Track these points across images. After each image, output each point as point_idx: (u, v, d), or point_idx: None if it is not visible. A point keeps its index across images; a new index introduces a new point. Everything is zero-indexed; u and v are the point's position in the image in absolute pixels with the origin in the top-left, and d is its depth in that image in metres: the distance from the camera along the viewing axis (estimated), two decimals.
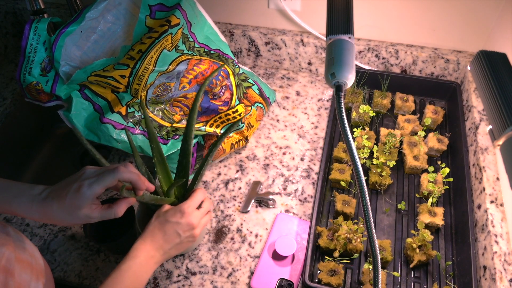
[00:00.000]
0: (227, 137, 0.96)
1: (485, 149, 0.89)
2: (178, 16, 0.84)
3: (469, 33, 1.04)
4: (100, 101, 0.84)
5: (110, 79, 0.80)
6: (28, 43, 0.82)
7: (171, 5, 0.85)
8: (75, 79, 0.80)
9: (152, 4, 0.83)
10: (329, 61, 0.55)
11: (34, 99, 0.87)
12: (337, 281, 0.77)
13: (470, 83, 1.02)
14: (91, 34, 0.84)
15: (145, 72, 0.80)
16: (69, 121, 0.82)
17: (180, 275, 0.82)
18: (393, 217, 0.89)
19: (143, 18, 0.82)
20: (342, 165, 0.93)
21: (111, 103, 0.84)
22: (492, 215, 0.78)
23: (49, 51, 0.83)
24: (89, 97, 0.84)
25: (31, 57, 0.82)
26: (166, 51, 0.82)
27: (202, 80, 0.87)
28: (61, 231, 0.89)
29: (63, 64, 0.82)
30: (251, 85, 1.00)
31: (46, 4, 0.99)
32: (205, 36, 0.94)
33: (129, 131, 0.81)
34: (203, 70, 0.86)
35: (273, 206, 0.92)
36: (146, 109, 0.86)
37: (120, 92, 0.83)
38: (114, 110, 0.83)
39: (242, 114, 0.95)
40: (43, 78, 0.83)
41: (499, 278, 0.71)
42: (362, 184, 0.51)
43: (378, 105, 1.06)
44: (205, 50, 0.92)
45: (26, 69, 0.82)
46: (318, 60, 1.17)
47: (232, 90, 0.92)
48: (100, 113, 0.83)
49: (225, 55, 0.96)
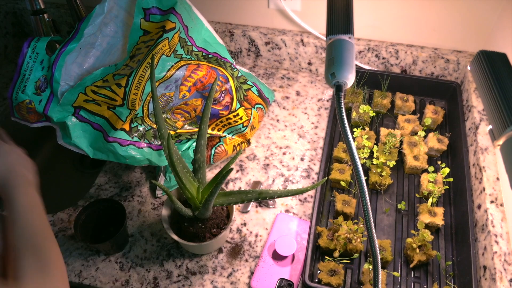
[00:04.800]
0: (229, 139, 0.97)
1: (485, 149, 0.89)
2: (173, 20, 0.83)
3: (469, 33, 1.04)
4: (98, 119, 0.82)
5: (108, 90, 0.79)
6: (25, 61, 0.79)
7: (166, 8, 0.84)
8: (67, 99, 0.79)
9: (146, 7, 0.82)
10: (329, 61, 0.55)
11: (22, 119, 0.83)
12: (337, 281, 0.77)
13: (470, 83, 1.02)
14: (90, 50, 0.82)
15: (142, 79, 0.79)
16: (74, 146, 0.81)
17: (180, 275, 0.82)
18: (393, 217, 0.89)
19: (138, 21, 0.81)
20: (342, 165, 0.93)
21: (109, 119, 0.82)
22: (492, 215, 0.78)
23: (46, 70, 0.80)
24: (85, 118, 0.82)
25: (26, 75, 0.80)
26: (164, 56, 0.81)
27: (201, 87, 0.87)
28: (61, 231, 0.89)
29: (62, 84, 0.80)
30: (250, 87, 1.01)
31: (46, 4, 0.99)
32: (203, 39, 0.93)
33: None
34: (201, 77, 0.86)
35: (273, 206, 0.92)
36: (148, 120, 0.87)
37: (116, 107, 0.81)
38: (117, 127, 0.82)
39: (243, 117, 0.95)
40: (36, 97, 0.80)
41: (499, 278, 0.70)
42: (362, 184, 0.51)
43: (378, 105, 1.06)
44: (203, 54, 0.92)
45: (20, 87, 0.80)
46: (318, 60, 1.17)
47: (232, 94, 0.93)
48: (101, 131, 0.82)
49: (223, 58, 0.95)
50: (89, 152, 0.82)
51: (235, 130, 0.96)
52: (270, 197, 0.71)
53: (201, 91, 0.88)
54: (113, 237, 0.80)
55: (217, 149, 0.95)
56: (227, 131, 0.96)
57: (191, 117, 0.92)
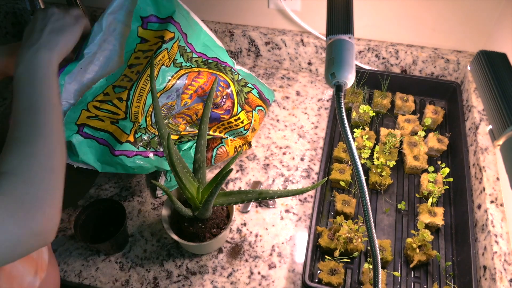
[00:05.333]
0: (231, 140, 0.97)
1: (485, 149, 0.89)
2: (171, 30, 0.81)
3: (469, 33, 1.04)
4: (102, 134, 0.82)
5: (110, 104, 0.78)
6: None
7: (164, 16, 0.82)
8: (70, 117, 0.77)
9: (144, 15, 0.80)
10: (329, 61, 0.55)
11: None
12: (338, 280, 0.77)
13: (470, 83, 1.02)
14: (89, 66, 0.80)
15: (143, 92, 0.79)
16: (82, 163, 0.81)
17: (180, 275, 0.82)
18: (393, 217, 0.89)
19: (135, 29, 0.80)
20: (342, 165, 0.93)
21: (114, 134, 0.82)
22: (492, 215, 0.78)
23: None
24: (89, 134, 0.81)
25: None
26: (164, 67, 0.80)
27: (202, 93, 0.87)
28: (61, 231, 0.89)
29: (64, 103, 0.79)
30: (251, 90, 1.01)
31: (46, 4, 0.99)
32: (203, 44, 0.92)
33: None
34: (202, 84, 0.86)
35: (273, 206, 0.92)
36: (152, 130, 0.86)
37: (119, 121, 0.81)
38: (122, 141, 0.82)
39: (244, 121, 0.95)
40: None
41: (499, 278, 0.70)
42: (362, 184, 0.51)
43: (378, 105, 1.06)
44: (203, 60, 0.91)
45: None
46: (318, 60, 1.17)
47: (233, 99, 0.93)
48: (107, 145, 0.82)
49: (223, 63, 0.95)
50: (98, 167, 0.82)
51: (236, 133, 0.97)
52: (270, 197, 0.71)
53: (202, 97, 0.88)
54: (113, 237, 0.80)
55: (218, 150, 0.95)
56: (228, 133, 0.96)
57: (192, 120, 0.92)
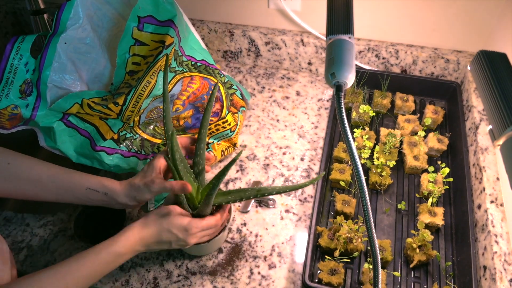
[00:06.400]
0: (217, 144, 0.97)
1: (485, 149, 0.89)
2: (172, 35, 0.79)
3: (469, 33, 1.04)
4: (86, 126, 0.80)
5: (104, 107, 0.77)
6: (8, 64, 0.73)
7: (163, 19, 0.80)
8: (60, 106, 0.75)
9: (142, 15, 0.78)
10: (329, 61, 0.55)
11: None
12: (338, 280, 0.77)
13: (470, 83, 1.02)
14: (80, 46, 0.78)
15: (140, 98, 0.78)
16: (57, 150, 0.79)
17: (180, 275, 0.82)
18: (393, 217, 0.89)
19: (130, 29, 0.78)
20: (342, 165, 0.93)
21: (99, 128, 0.80)
22: (492, 215, 0.78)
23: (31, 73, 0.75)
24: (73, 123, 0.79)
25: (10, 78, 0.73)
26: (162, 72, 0.79)
27: (194, 98, 0.87)
28: (61, 231, 0.89)
29: (50, 86, 0.75)
30: (235, 91, 1.01)
31: (46, 4, 0.99)
32: (190, 47, 0.92)
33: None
34: (195, 90, 0.86)
35: (273, 206, 0.92)
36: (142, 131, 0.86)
37: (109, 119, 0.80)
38: (106, 138, 0.80)
39: (231, 123, 0.95)
40: (22, 102, 0.74)
41: (499, 278, 0.70)
42: (362, 184, 0.51)
43: (378, 105, 1.06)
44: (192, 63, 0.90)
45: (4, 92, 0.73)
46: (318, 60, 1.17)
47: (222, 102, 0.93)
48: (89, 138, 0.80)
49: (211, 66, 0.95)
50: (72, 158, 0.81)
51: (221, 136, 0.96)
52: (269, 193, 0.71)
53: (193, 103, 0.88)
54: None
55: (206, 155, 0.95)
56: (213, 138, 0.96)
57: (179, 125, 0.92)
